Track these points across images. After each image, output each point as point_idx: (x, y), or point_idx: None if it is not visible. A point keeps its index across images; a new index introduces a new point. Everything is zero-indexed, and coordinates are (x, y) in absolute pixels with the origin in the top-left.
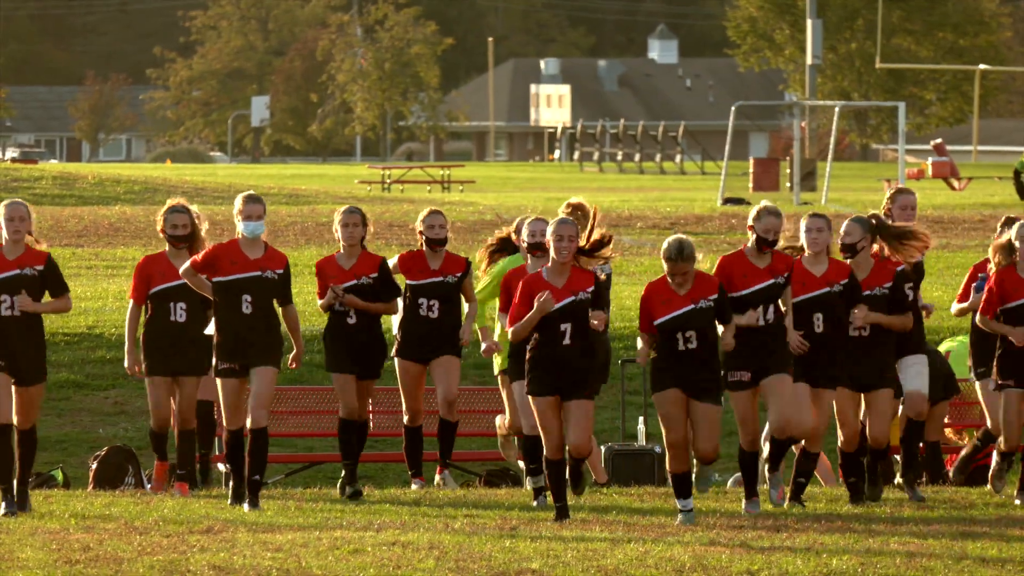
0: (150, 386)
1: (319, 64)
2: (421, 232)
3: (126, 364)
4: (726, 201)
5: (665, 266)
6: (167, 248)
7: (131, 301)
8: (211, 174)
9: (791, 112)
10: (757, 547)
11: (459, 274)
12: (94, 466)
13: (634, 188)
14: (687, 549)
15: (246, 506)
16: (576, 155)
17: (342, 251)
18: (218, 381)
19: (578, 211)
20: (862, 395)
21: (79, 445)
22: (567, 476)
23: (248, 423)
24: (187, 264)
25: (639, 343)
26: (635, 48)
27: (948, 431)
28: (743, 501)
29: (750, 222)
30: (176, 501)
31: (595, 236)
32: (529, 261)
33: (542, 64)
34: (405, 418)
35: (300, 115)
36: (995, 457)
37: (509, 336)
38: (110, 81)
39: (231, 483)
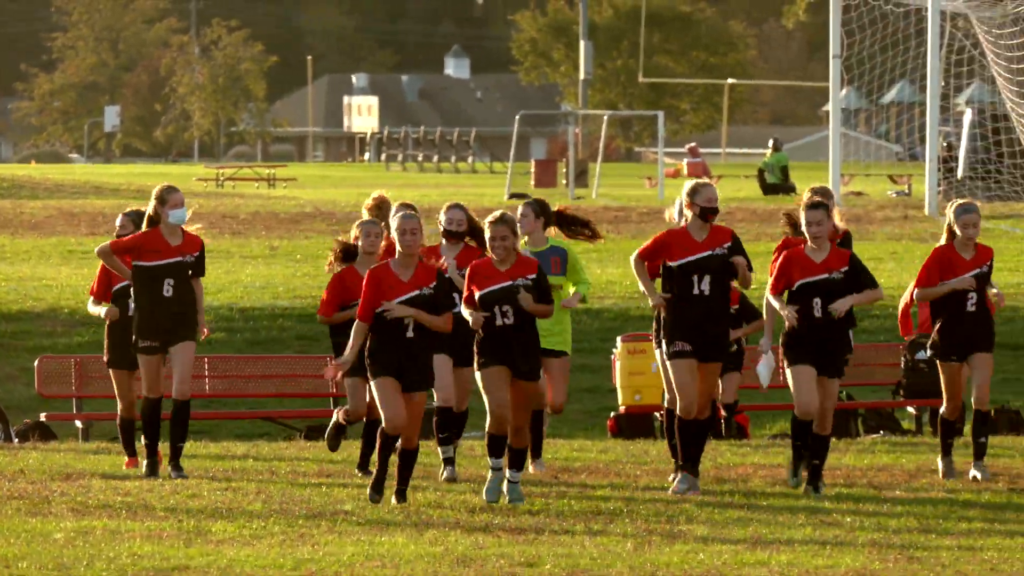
0: (115, 376)
1: (163, 78)
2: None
3: (104, 314)
4: (512, 196)
5: (488, 231)
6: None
7: (90, 300)
8: (69, 173)
9: (567, 120)
10: (539, 492)
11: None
12: None
13: (432, 185)
14: (476, 495)
15: (171, 472)
16: (383, 157)
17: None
18: (140, 358)
19: (383, 203)
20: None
21: None
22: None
23: (174, 395)
24: (107, 244)
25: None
26: (433, 65)
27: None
28: (676, 475)
29: (687, 200)
30: (40, 453)
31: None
32: (444, 244)
33: (353, 79)
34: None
35: (146, 122)
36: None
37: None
38: None
39: (146, 457)
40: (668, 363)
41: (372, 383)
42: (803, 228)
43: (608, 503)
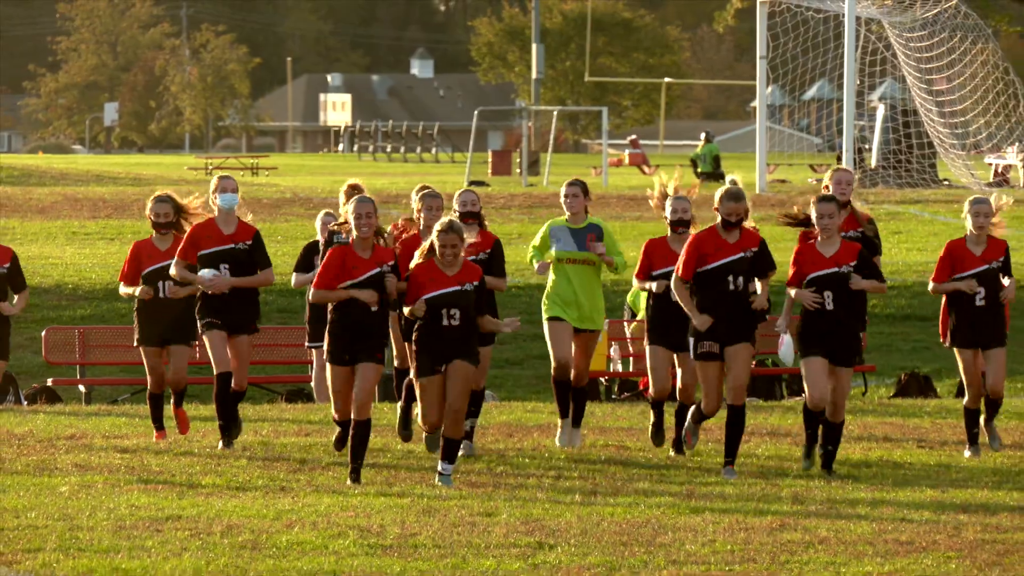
0: (145, 355)
1: (157, 78)
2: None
3: (139, 292)
4: (471, 183)
5: (437, 240)
6: (153, 234)
7: (120, 284)
8: (73, 162)
9: (520, 115)
10: (496, 449)
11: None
12: None
13: (400, 173)
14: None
15: (220, 444)
16: (355, 148)
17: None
18: (205, 335)
19: (355, 190)
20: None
21: None
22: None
23: (233, 385)
24: (178, 260)
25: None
26: (401, 66)
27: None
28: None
29: (715, 205)
30: (46, 415)
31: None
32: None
33: (329, 78)
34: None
35: (142, 117)
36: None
37: (312, 297)
38: None
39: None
40: (696, 364)
41: (327, 368)
42: (813, 220)
43: (558, 459)
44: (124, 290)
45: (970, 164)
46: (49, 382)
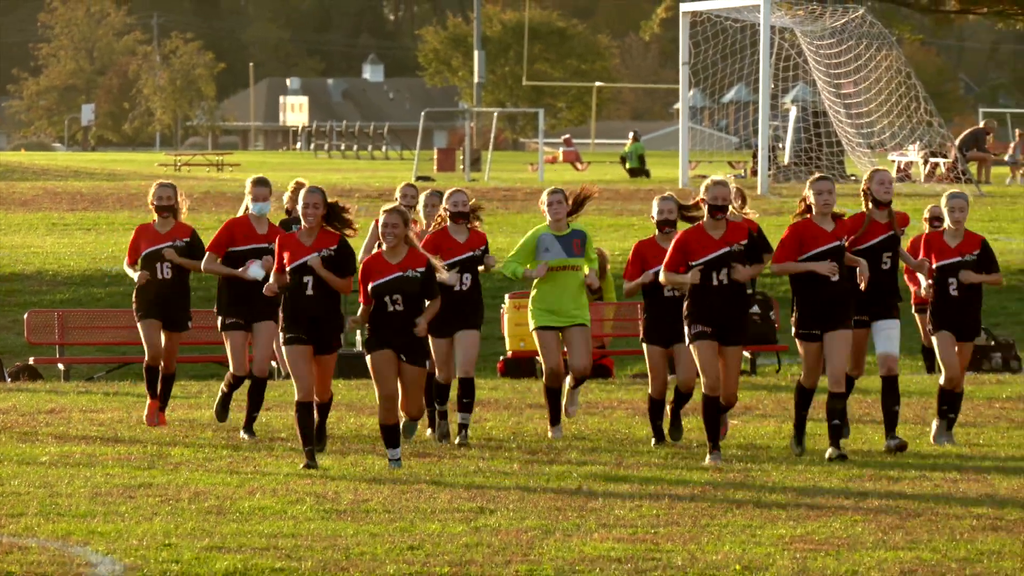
0: (143, 328)
1: (130, 81)
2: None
3: (136, 278)
4: (418, 179)
5: (382, 217)
6: (155, 219)
7: (126, 266)
8: (53, 159)
9: (463, 116)
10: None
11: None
12: None
13: (353, 169)
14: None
15: (242, 433)
16: (312, 146)
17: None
18: (226, 334)
19: (300, 187)
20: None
21: None
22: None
23: (254, 371)
24: (209, 254)
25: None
26: (353, 71)
27: None
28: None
29: (701, 195)
30: (28, 392)
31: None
32: (450, 226)
33: (288, 82)
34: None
35: (116, 117)
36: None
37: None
38: None
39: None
40: (691, 345)
41: (284, 350)
42: (810, 201)
43: (499, 431)
44: (128, 271)
45: (875, 161)
46: (31, 361)
